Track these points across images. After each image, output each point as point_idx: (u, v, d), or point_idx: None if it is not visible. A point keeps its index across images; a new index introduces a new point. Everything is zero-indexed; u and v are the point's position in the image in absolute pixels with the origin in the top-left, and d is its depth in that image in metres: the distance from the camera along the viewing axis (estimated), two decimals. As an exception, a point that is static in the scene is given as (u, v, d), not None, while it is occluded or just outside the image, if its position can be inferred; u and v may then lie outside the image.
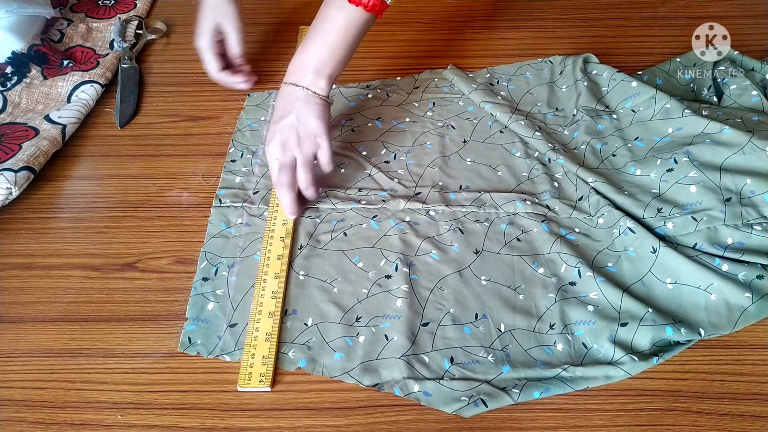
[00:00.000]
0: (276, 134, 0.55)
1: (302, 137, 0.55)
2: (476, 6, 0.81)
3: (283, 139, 0.55)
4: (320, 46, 0.54)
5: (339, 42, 0.54)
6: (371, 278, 0.53)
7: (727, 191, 0.53)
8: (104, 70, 0.70)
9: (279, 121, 0.55)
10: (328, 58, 0.54)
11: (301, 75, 0.55)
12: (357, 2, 0.52)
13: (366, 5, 0.52)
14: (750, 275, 0.50)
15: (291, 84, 0.55)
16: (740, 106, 0.62)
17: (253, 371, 0.47)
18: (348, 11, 0.53)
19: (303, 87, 0.55)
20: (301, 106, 0.55)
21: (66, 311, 0.52)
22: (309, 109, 0.55)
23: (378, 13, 0.54)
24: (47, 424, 0.45)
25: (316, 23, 0.55)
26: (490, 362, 0.47)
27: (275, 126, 0.56)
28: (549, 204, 0.57)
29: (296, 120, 0.55)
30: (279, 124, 0.55)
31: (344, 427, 0.44)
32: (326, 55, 0.54)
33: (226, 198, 0.59)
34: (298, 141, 0.55)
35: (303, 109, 0.55)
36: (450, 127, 0.66)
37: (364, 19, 0.54)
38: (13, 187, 0.57)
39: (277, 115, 0.56)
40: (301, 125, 0.55)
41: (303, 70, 0.55)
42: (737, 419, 0.44)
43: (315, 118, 0.55)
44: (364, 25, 0.54)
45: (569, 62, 0.70)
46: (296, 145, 0.55)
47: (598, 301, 0.50)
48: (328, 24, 0.54)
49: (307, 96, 0.55)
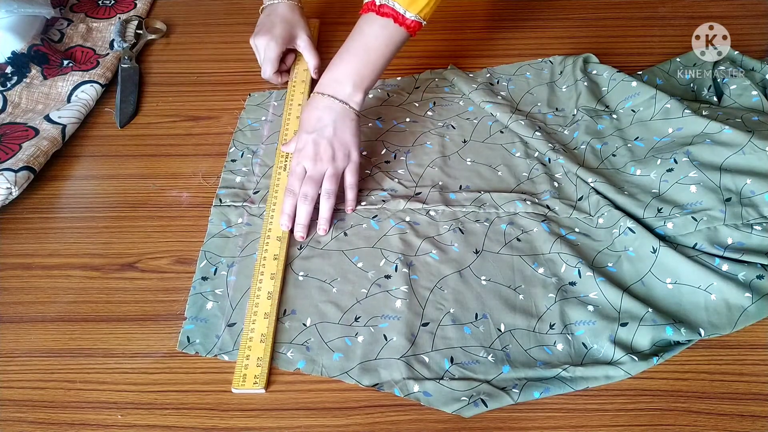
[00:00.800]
0: (309, 145, 0.55)
1: (337, 151, 0.55)
2: (476, 6, 0.81)
3: (316, 150, 0.55)
4: (360, 61, 0.55)
5: (379, 59, 0.55)
6: (371, 278, 0.53)
7: (727, 191, 0.53)
8: (104, 70, 0.70)
9: (312, 132, 0.55)
10: (366, 74, 0.55)
11: (339, 88, 0.55)
12: (402, 22, 0.53)
13: (409, 26, 0.54)
14: (750, 275, 0.49)
15: (329, 96, 0.55)
16: (740, 106, 0.62)
17: (247, 373, 0.47)
18: (392, 30, 0.54)
19: (341, 101, 0.55)
20: (338, 120, 0.55)
21: (66, 311, 0.52)
22: (345, 124, 0.55)
23: (414, 33, 0.55)
24: (47, 424, 0.45)
25: (355, 37, 0.55)
26: (490, 362, 0.47)
27: (308, 136, 0.55)
28: (549, 204, 0.57)
29: (332, 133, 0.55)
30: (312, 134, 0.55)
31: (344, 427, 0.44)
32: (365, 70, 0.55)
33: (226, 197, 0.59)
34: (333, 154, 0.55)
35: (340, 123, 0.55)
36: (450, 127, 0.66)
37: (404, 38, 0.55)
38: (13, 187, 0.57)
39: (309, 125, 0.55)
40: (336, 139, 0.55)
41: (341, 83, 0.55)
42: (737, 419, 0.44)
43: (351, 134, 0.55)
44: (402, 43, 0.56)
45: (569, 62, 0.70)
46: (329, 158, 0.55)
47: (598, 301, 0.50)
48: (369, 40, 0.55)
49: (345, 110, 0.55)
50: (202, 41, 0.77)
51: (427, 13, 0.54)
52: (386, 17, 0.53)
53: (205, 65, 0.74)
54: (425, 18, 0.55)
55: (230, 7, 0.81)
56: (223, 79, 0.72)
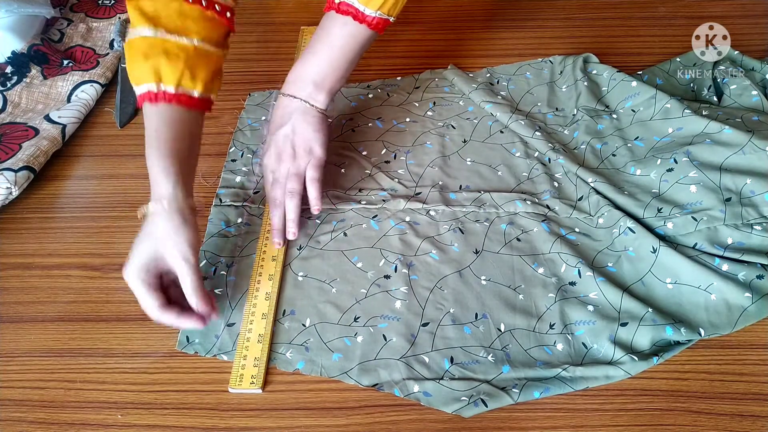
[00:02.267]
0: (271, 146, 0.55)
1: (297, 148, 0.54)
2: (476, 6, 0.81)
3: (277, 150, 0.54)
4: (321, 59, 0.54)
5: (341, 57, 0.53)
6: (370, 278, 0.52)
7: (727, 191, 0.53)
8: (104, 70, 0.70)
9: (274, 132, 0.55)
10: (328, 73, 0.54)
11: (299, 87, 0.54)
12: (362, 20, 0.52)
13: (370, 23, 0.52)
14: (750, 275, 0.49)
15: (289, 95, 0.54)
16: (740, 106, 0.62)
17: (244, 373, 0.47)
18: (352, 28, 0.52)
19: (301, 99, 0.54)
20: (298, 117, 0.54)
21: (66, 311, 0.52)
22: (306, 121, 0.54)
23: (381, 30, 0.53)
24: (47, 424, 0.45)
25: (318, 36, 0.54)
26: (490, 362, 0.47)
27: (270, 138, 0.55)
28: (549, 204, 0.57)
29: (291, 131, 0.54)
30: (275, 135, 0.55)
31: (344, 427, 0.44)
32: (327, 69, 0.54)
33: (226, 197, 0.59)
34: (293, 152, 0.54)
35: (300, 121, 0.54)
36: (450, 126, 0.66)
37: (368, 36, 0.53)
38: (13, 186, 0.57)
39: (273, 126, 0.55)
40: (297, 136, 0.54)
41: (302, 82, 0.54)
42: (737, 419, 0.44)
43: (313, 130, 0.54)
44: (367, 41, 0.54)
45: (569, 62, 0.70)
46: (290, 156, 0.54)
47: (598, 301, 0.50)
48: (331, 38, 0.53)
49: (304, 107, 0.54)
50: (202, 41, 0.77)
51: (390, 9, 0.51)
52: (346, 15, 0.52)
53: (205, 65, 0.74)
54: (390, 14, 0.52)
55: (230, 7, 0.81)
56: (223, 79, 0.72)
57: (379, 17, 0.51)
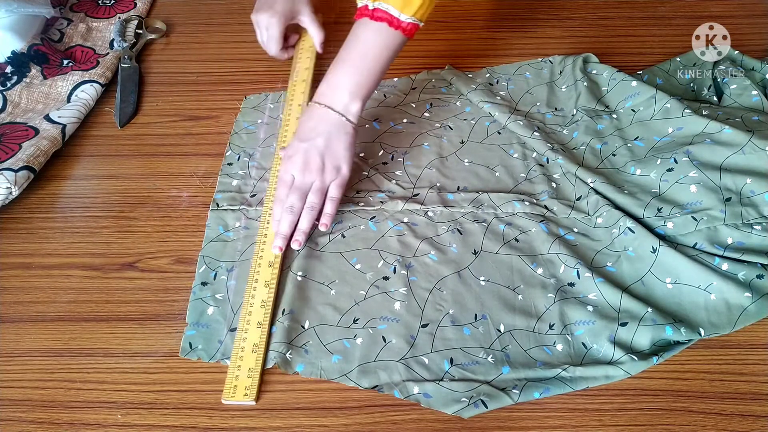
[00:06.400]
0: (300, 154, 0.54)
1: (326, 163, 0.54)
2: (476, 6, 0.81)
3: (306, 160, 0.54)
4: (356, 69, 0.54)
5: (376, 66, 0.54)
6: (369, 280, 0.52)
7: (727, 191, 0.53)
8: (104, 70, 0.70)
9: (305, 141, 0.54)
10: (363, 82, 0.54)
11: (335, 98, 0.54)
12: (397, 26, 0.52)
13: (405, 29, 0.52)
14: (750, 275, 0.49)
15: (325, 106, 0.54)
16: (740, 105, 0.62)
17: (238, 384, 0.46)
18: (387, 34, 0.52)
19: (338, 112, 0.54)
20: (333, 132, 0.54)
21: (66, 311, 0.52)
22: (339, 138, 0.54)
23: (412, 35, 0.54)
24: (47, 424, 0.45)
25: (351, 44, 0.54)
26: (490, 363, 0.47)
27: (299, 144, 0.55)
28: (547, 204, 0.57)
29: (324, 145, 0.54)
30: (304, 144, 0.54)
31: (344, 427, 0.45)
32: (362, 78, 0.54)
33: (223, 201, 0.59)
34: (322, 166, 0.54)
35: (334, 137, 0.54)
36: (447, 127, 0.65)
37: (401, 41, 0.54)
38: (13, 186, 0.57)
39: (303, 134, 0.55)
40: (327, 151, 0.54)
41: (338, 93, 0.54)
42: (737, 419, 0.44)
43: (344, 148, 0.54)
44: (400, 47, 0.54)
45: (569, 62, 0.70)
46: (318, 170, 0.54)
47: (598, 302, 0.50)
48: (365, 47, 0.53)
49: (340, 122, 0.54)
50: (201, 41, 0.77)
51: (423, 14, 0.53)
52: (381, 21, 0.52)
53: (204, 65, 0.74)
54: (422, 19, 0.53)
55: (230, 7, 0.81)
56: (222, 79, 0.72)
57: (413, 23, 0.52)
